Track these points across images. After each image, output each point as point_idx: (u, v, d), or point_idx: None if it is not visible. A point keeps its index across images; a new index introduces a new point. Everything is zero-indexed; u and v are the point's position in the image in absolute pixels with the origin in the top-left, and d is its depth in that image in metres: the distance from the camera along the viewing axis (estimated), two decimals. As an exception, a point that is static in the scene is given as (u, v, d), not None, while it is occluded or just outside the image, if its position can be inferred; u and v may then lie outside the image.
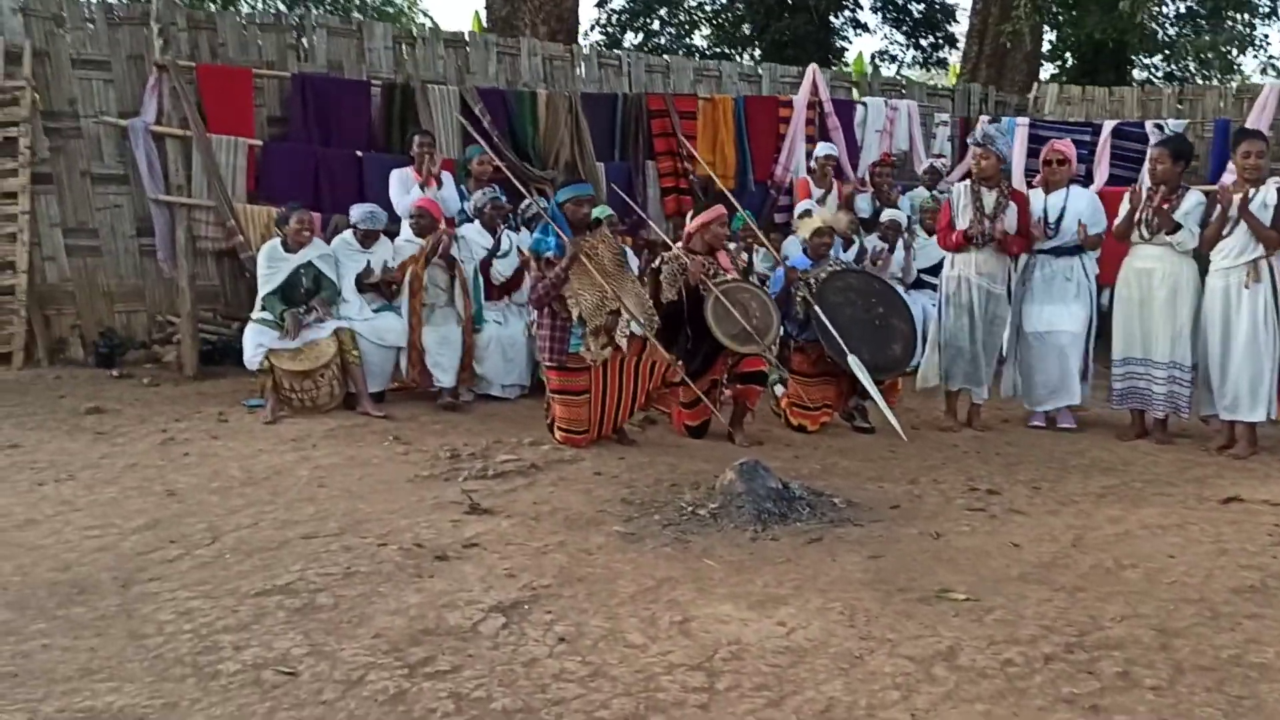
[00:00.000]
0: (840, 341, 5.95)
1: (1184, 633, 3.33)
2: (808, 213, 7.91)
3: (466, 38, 9.49)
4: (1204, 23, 16.53)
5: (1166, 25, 16.73)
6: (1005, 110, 11.76)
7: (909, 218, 8.82)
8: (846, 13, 19.43)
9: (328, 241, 6.93)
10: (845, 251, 8.34)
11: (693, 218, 6.54)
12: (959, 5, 19.66)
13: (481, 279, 7.07)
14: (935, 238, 8.26)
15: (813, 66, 10.46)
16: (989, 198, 6.33)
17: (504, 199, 7.39)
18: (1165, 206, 6.00)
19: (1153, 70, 18.48)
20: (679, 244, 6.18)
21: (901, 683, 2.95)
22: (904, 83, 12.22)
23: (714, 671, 2.99)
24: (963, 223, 6.34)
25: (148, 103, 7.84)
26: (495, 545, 4.06)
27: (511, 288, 7.22)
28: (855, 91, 10.98)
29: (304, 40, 8.74)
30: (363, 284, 6.74)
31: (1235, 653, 3.18)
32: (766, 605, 3.50)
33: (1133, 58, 17.51)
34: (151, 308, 8.23)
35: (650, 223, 7.34)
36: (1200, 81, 16.59)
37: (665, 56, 10.63)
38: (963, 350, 6.44)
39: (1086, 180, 9.72)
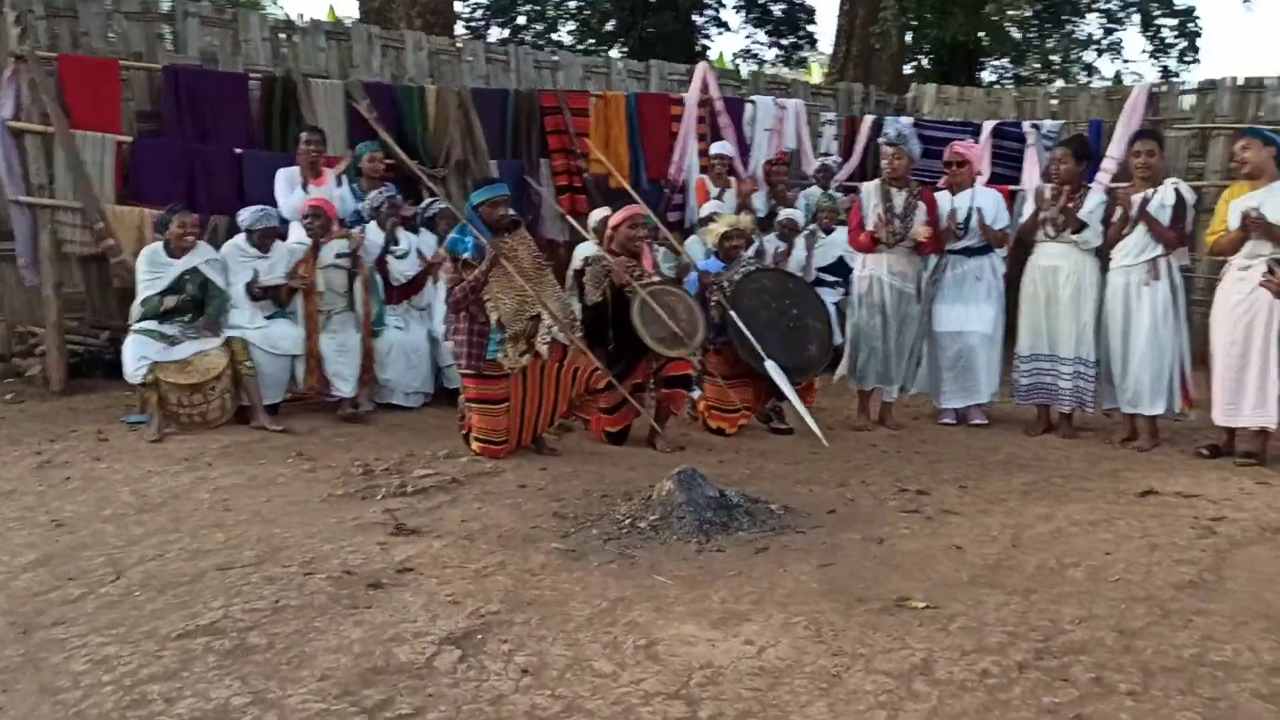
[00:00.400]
0: (757, 347, 5.87)
1: (1142, 633, 3.35)
2: (714, 215, 7.83)
3: (350, 29, 9.10)
4: (1048, 27, 17.25)
5: (1013, 29, 17.43)
6: (885, 110, 11.95)
7: (806, 216, 8.84)
8: (709, 11, 19.67)
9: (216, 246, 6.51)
10: (745, 251, 8.32)
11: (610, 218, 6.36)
12: (817, 6, 20.24)
13: (380, 281, 6.76)
14: (832, 236, 8.38)
15: (703, 64, 10.43)
16: (899, 198, 6.36)
17: (400, 198, 7.09)
18: (1070, 206, 6.13)
19: (1002, 72, 19.23)
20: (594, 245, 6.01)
21: (885, 701, 2.87)
22: (788, 82, 12.30)
23: (693, 699, 2.85)
24: (872, 222, 6.35)
25: (4, 97, 7.22)
26: (431, 569, 3.82)
27: (412, 291, 6.93)
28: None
29: (174, 30, 8.22)
30: (253, 292, 6.34)
31: (1196, 651, 3.21)
32: (729, 622, 3.38)
33: (983, 60, 18.19)
34: (11, 318, 7.63)
35: (582, 229, 7.06)
36: (1039, 82, 17.34)
37: (554, 52, 10.42)
38: (876, 350, 6.46)
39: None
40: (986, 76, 18.45)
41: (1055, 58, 18.32)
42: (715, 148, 9.24)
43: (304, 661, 3.04)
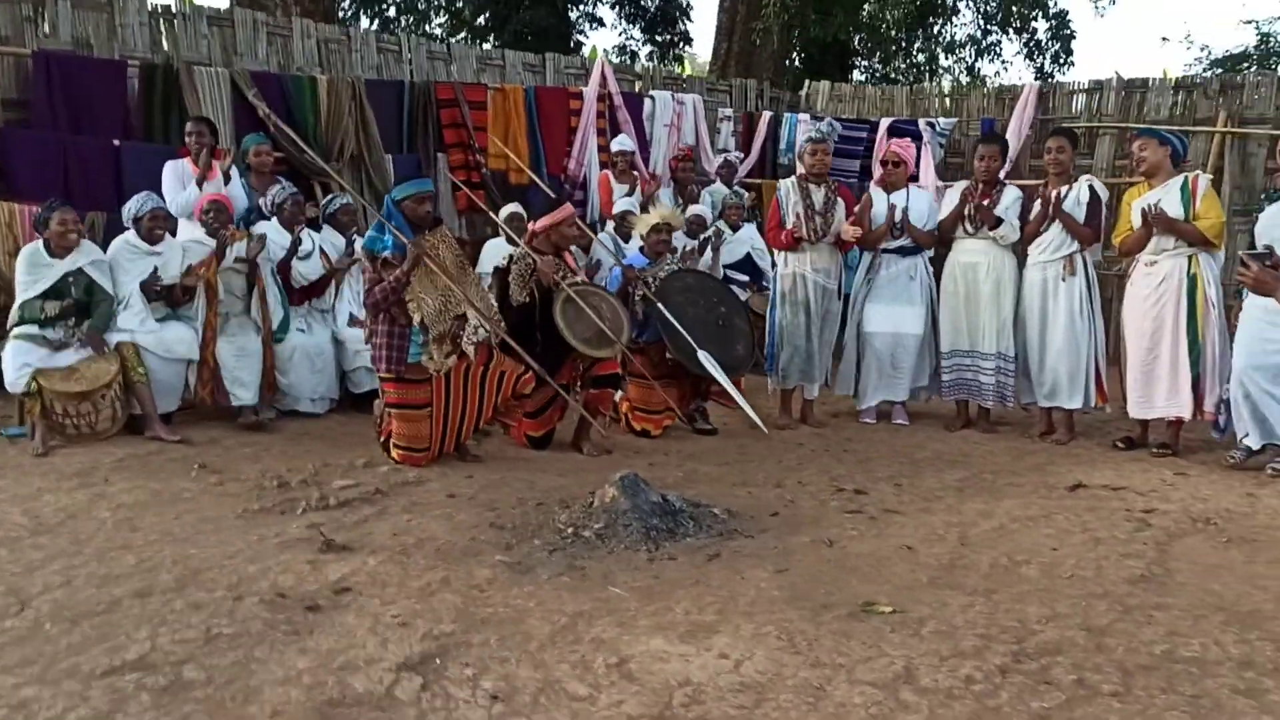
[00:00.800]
0: (689, 340, 5.75)
1: (1109, 631, 3.33)
2: (629, 211, 7.68)
3: (234, 15, 8.64)
4: (915, 32, 17.72)
5: (890, 29, 17.86)
6: (778, 106, 12.00)
7: (711, 214, 8.77)
8: (583, 7, 19.61)
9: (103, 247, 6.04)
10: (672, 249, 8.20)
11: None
12: (693, 3, 20.39)
13: (279, 284, 6.39)
14: (740, 233, 8.32)
15: (601, 57, 10.28)
16: (818, 194, 6.32)
17: (301, 195, 6.73)
18: (986, 203, 6.18)
19: (873, 71, 19.66)
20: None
21: (877, 713, 2.76)
22: (683, 77, 12.22)
23: (679, 720, 2.70)
24: (793, 220, 6.30)
25: None
26: (371, 588, 3.57)
27: (314, 292, 6.57)
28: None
29: (44, 13, 7.65)
30: (151, 291, 5.91)
31: (1166, 648, 3.20)
32: (698, 635, 3.23)
33: (853, 59, 18.57)
34: None
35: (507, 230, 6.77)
36: (908, 82, 17.77)
37: (445, 42, 10.11)
38: (799, 348, 6.41)
39: (865, 176, 10.07)
40: (856, 76, 18.82)
41: (921, 58, 18.91)
42: (617, 143, 9.08)
43: (250, 696, 2.77)
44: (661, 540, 4.10)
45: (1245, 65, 21.70)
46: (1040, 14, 15.46)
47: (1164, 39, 36.02)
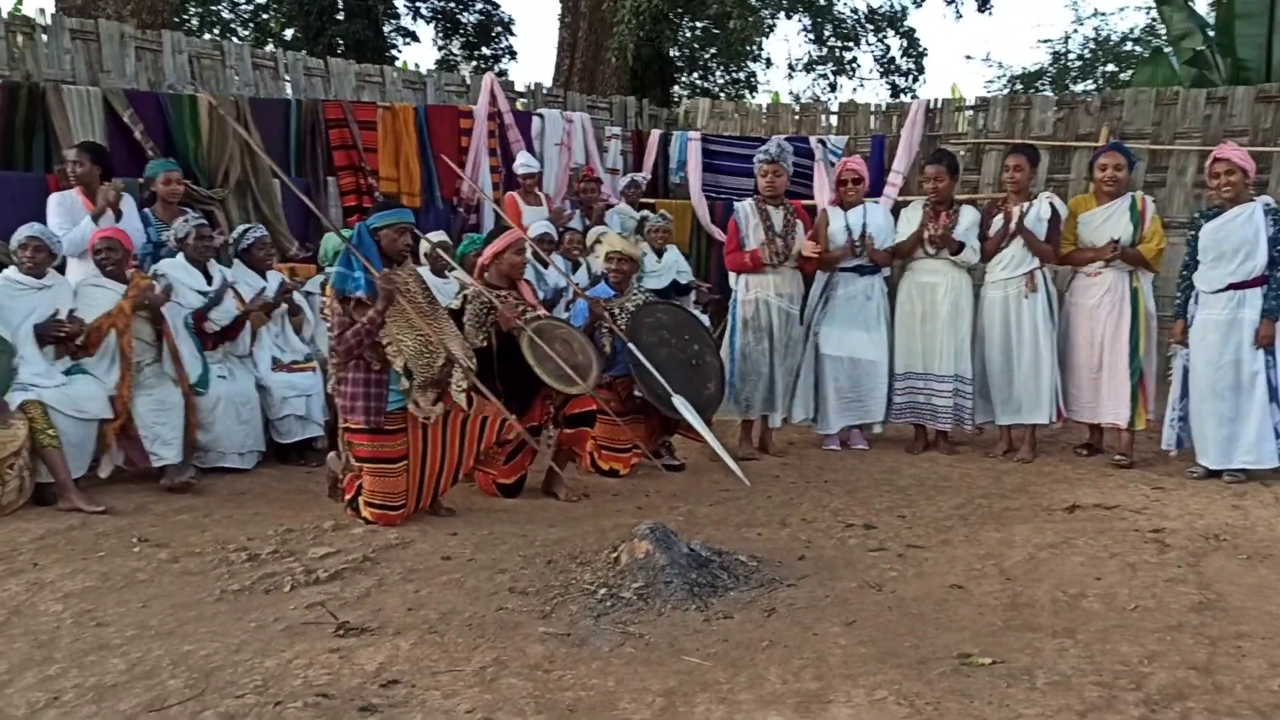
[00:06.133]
0: (665, 385, 5.43)
1: (1213, 668, 3.23)
2: (547, 234, 7.31)
3: (99, 28, 7.83)
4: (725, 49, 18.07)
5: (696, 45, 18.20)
6: (657, 124, 11.84)
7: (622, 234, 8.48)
8: (397, 20, 19.21)
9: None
10: (575, 273, 7.85)
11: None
12: (514, 19, 20.27)
13: (190, 329, 5.74)
14: (665, 258, 8.06)
15: (489, 75, 9.87)
16: (777, 216, 6.14)
17: (209, 227, 6.09)
18: (945, 226, 6.13)
19: (695, 87, 19.94)
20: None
21: (1054, 786, 2.54)
22: (561, 95, 11.91)
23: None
24: (755, 242, 6.09)
25: None
26: (419, 677, 3.13)
27: (228, 336, 5.91)
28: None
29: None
30: (49, 337, 5.19)
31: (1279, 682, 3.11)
32: (811, 706, 2.95)
33: (674, 75, 18.76)
34: None
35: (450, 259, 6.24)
36: (731, 98, 18.13)
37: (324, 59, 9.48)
38: (763, 375, 6.19)
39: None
40: (677, 90, 19.01)
41: (741, 75, 19.35)
42: (523, 164, 8.69)
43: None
44: (706, 596, 3.79)
45: (1040, 83, 23.05)
46: (892, 30, 15.90)
47: (968, 57, 37.75)
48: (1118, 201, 5.99)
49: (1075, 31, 24.54)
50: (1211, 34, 12.01)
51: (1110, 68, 21.45)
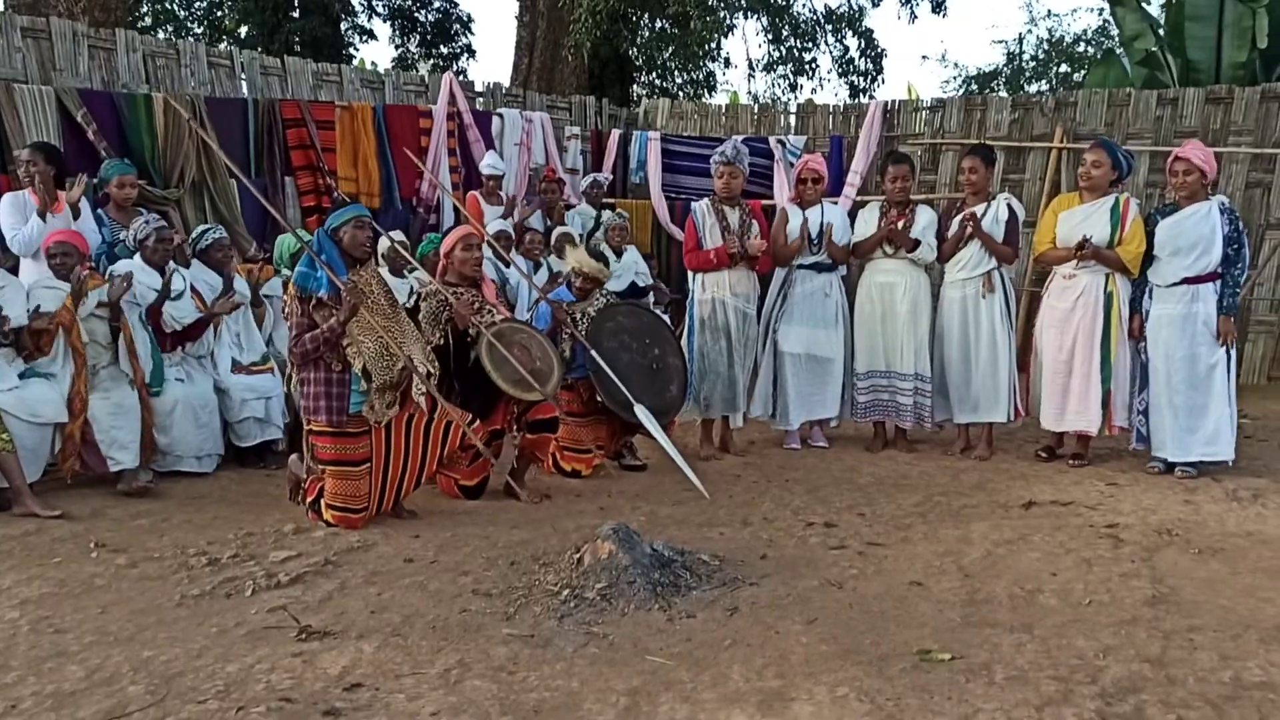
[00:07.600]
0: (628, 395, 5.44)
1: (1166, 661, 3.29)
2: (504, 233, 7.30)
3: (51, 26, 7.71)
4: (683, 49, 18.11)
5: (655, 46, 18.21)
6: (616, 124, 11.84)
7: (580, 234, 8.50)
8: (354, 18, 19.10)
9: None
10: (536, 273, 7.86)
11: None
12: (473, 17, 20.19)
13: (149, 331, 5.68)
14: (624, 258, 8.08)
15: (448, 74, 9.84)
16: (733, 216, 6.18)
17: (169, 228, 6.03)
18: (902, 225, 6.19)
19: (654, 87, 19.96)
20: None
21: (1013, 779, 2.59)
22: (520, 95, 11.89)
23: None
24: (712, 242, 6.12)
25: None
26: (382, 680, 3.13)
27: (188, 337, 5.87)
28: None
29: None
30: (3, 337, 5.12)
31: (1231, 674, 3.19)
32: (773, 704, 2.98)
33: (634, 75, 18.79)
34: None
35: (410, 258, 6.15)
36: (690, 98, 18.17)
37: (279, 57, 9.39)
38: (721, 375, 6.22)
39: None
40: (636, 90, 19.04)
41: (700, 75, 19.40)
42: (488, 165, 8.67)
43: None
44: (668, 596, 3.82)
45: (995, 83, 23.31)
46: (850, 31, 16.00)
47: (924, 57, 38.13)
48: (1100, 201, 5.91)
49: (1029, 32, 24.88)
50: (1163, 34, 12.22)
51: (1064, 68, 21.74)
